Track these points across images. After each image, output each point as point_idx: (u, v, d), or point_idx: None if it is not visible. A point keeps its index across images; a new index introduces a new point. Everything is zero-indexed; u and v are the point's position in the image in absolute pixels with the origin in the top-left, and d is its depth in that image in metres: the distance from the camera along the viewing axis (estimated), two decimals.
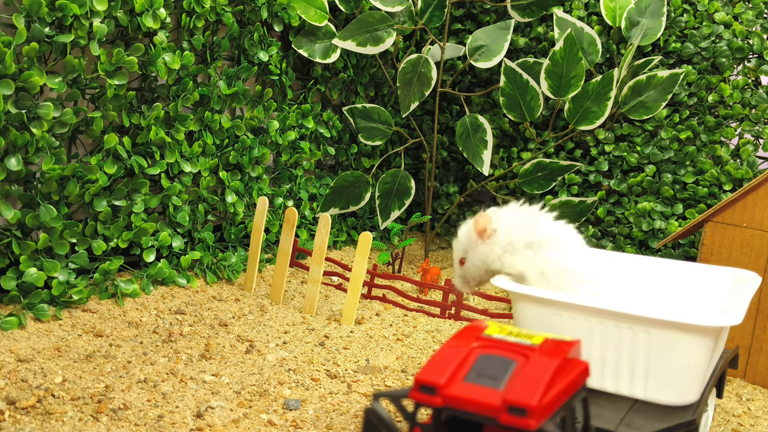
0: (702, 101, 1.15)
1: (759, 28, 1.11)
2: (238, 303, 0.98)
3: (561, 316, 0.61)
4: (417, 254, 1.33)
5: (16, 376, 0.68)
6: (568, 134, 1.20)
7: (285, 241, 0.99)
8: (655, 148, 1.17)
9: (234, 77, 1.06)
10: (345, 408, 0.70)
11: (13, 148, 0.80)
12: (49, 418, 0.62)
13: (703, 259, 0.91)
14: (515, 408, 0.39)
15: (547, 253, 0.66)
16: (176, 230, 1.01)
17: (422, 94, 1.19)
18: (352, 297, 0.93)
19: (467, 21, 1.41)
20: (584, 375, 0.46)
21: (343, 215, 1.32)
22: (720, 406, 0.78)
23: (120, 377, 0.71)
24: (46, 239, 0.84)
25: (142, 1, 0.89)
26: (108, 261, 0.91)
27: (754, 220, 0.87)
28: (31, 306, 0.82)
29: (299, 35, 1.16)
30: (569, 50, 1.08)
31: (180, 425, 0.63)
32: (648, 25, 1.15)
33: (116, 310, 0.89)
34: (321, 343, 0.86)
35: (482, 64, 1.19)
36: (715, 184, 1.10)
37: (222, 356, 0.79)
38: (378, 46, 1.17)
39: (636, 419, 0.57)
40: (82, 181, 0.87)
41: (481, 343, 0.46)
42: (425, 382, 0.42)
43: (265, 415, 0.66)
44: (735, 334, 0.87)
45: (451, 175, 1.46)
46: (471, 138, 1.20)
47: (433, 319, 1.01)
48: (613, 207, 1.20)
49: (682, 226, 1.07)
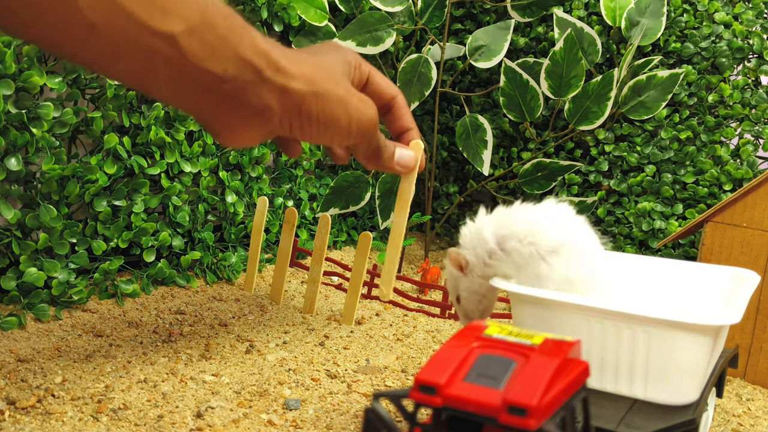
0: (702, 101, 1.15)
1: (759, 28, 1.11)
2: (238, 303, 0.98)
3: (561, 316, 0.61)
4: (417, 254, 1.33)
5: (16, 376, 0.68)
6: (568, 134, 1.20)
7: (285, 241, 0.99)
8: (655, 148, 1.17)
9: None
10: (345, 408, 0.70)
11: (13, 148, 0.80)
12: (49, 418, 0.62)
13: (703, 259, 0.91)
14: (515, 408, 0.39)
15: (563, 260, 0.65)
16: (176, 230, 1.01)
17: (422, 94, 1.19)
18: (352, 297, 0.93)
19: (467, 21, 1.41)
20: (584, 375, 0.46)
21: (343, 215, 1.32)
22: (720, 406, 0.78)
23: (120, 377, 0.71)
24: (46, 239, 0.84)
25: None
26: (108, 261, 0.91)
27: (754, 220, 0.87)
28: (31, 306, 0.82)
29: (299, 35, 1.16)
30: (569, 50, 1.08)
31: (180, 425, 0.63)
32: (648, 25, 1.15)
33: (116, 310, 0.89)
34: (321, 343, 0.86)
35: (482, 64, 1.19)
36: (715, 184, 1.10)
37: (222, 356, 0.79)
38: (378, 46, 1.17)
39: (636, 419, 0.57)
40: (82, 181, 0.87)
41: (481, 343, 0.46)
42: (425, 382, 0.42)
43: (265, 415, 0.66)
44: (735, 334, 0.87)
45: (451, 175, 1.46)
46: (471, 138, 1.20)
47: (433, 319, 1.01)
48: (613, 207, 1.20)
49: (682, 226, 1.07)
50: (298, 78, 0.59)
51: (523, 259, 0.65)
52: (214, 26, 0.54)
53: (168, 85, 0.55)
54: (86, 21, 0.47)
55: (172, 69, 0.53)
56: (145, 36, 0.50)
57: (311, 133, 0.63)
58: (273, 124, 0.60)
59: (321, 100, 0.61)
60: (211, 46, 0.54)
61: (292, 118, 0.61)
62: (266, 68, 0.57)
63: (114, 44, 0.49)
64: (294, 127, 0.62)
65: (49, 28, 0.47)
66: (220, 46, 0.54)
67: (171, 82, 0.54)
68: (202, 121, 0.60)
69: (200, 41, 0.53)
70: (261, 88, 0.58)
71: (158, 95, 0.60)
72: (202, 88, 0.55)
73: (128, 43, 0.50)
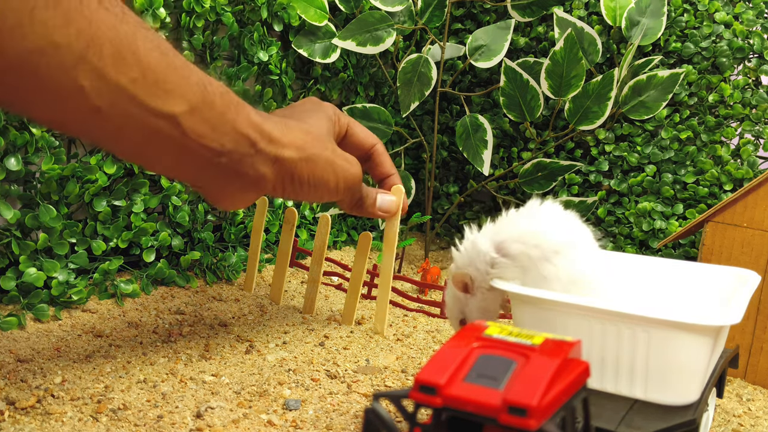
0: (702, 101, 1.15)
1: (759, 28, 1.11)
2: (238, 303, 0.97)
3: (561, 316, 0.61)
4: (417, 254, 1.33)
5: (15, 376, 0.68)
6: (569, 134, 1.20)
7: (285, 241, 0.99)
8: (655, 148, 1.16)
9: (234, 77, 1.06)
10: (345, 408, 0.70)
11: (12, 148, 0.80)
12: (48, 418, 0.62)
13: (703, 259, 0.91)
14: (515, 408, 0.39)
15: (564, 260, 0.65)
16: (176, 230, 1.01)
17: (422, 94, 1.19)
18: (352, 297, 0.93)
19: (467, 21, 1.41)
20: (585, 375, 0.46)
21: (343, 215, 1.32)
22: (720, 406, 0.78)
23: (120, 377, 0.71)
24: (46, 239, 0.84)
25: (142, 0, 0.89)
26: (108, 261, 0.91)
27: (755, 220, 0.87)
28: (31, 306, 0.82)
29: (299, 35, 1.16)
30: (569, 50, 1.08)
31: (180, 425, 0.63)
32: (648, 25, 1.15)
33: (116, 310, 0.89)
34: (321, 344, 0.85)
35: (482, 64, 1.19)
36: (715, 184, 1.10)
37: (222, 356, 0.79)
38: (378, 46, 1.17)
39: (636, 419, 0.57)
40: (81, 181, 0.87)
41: (481, 343, 0.46)
42: (425, 382, 0.42)
43: (265, 415, 0.66)
44: (735, 334, 0.87)
45: (451, 175, 1.46)
46: (471, 138, 1.20)
47: (433, 319, 1.01)
48: (614, 207, 1.20)
49: (682, 226, 1.07)
50: (289, 146, 0.63)
51: (531, 261, 0.64)
52: (213, 104, 0.56)
53: (168, 160, 0.57)
54: (92, 105, 0.49)
55: (173, 146, 0.55)
56: (148, 117, 0.52)
57: (302, 194, 0.68)
58: (267, 189, 0.64)
59: (310, 164, 0.66)
60: (210, 123, 0.56)
61: (285, 183, 0.65)
62: (260, 140, 0.60)
63: (118, 125, 0.51)
64: (287, 191, 0.66)
65: (57, 113, 0.49)
66: (219, 123, 0.57)
67: (171, 158, 0.57)
68: (199, 190, 0.63)
69: (200, 119, 0.55)
70: (256, 159, 0.61)
71: (158, 168, 0.64)
72: (201, 162, 0.58)
73: (131, 124, 0.52)
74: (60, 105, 0.48)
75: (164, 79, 0.51)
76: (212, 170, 0.59)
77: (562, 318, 0.61)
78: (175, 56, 0.53)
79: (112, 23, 0.48)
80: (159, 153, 0.55)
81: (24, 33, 0.43)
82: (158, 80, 0.51)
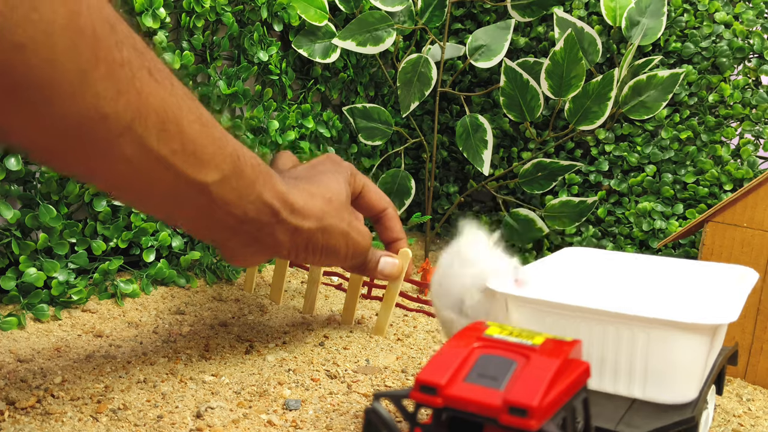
0: (702, 101, 1.15)
1: (759, 28, 1.11)
2: (238, 303, 0.97)
3: (560, 317, 0.61)
4: (417, 254, 1.33)
5: (15, 376, 0.68)
6: (569, 134, 1.20)
7: None
8: (655, 148, 1.16)
9: (234, 77, 1.06)
10: (345, 408, 0.70)
11: (12, 148, 0.80)
12: (48, 418, 0.62)
13: (703, 259, 0.91)
14: (516, 408, 0.39)
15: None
16: (176, 230, 1.01)
17: (422, 93, 1.19)
18: (351, 297, 0.93)
19: (467, 21, 1.41)
20: (585, 375, 0.46)
21: None
22: (720, 406, 0.78)
23: (120, 377, 0.71)
24: (46, 239, 0.84)
25: (141, 0, 0.89)
26: (108, 261, 0.91)
27: (755, 220, 0.87)
28: (31, 306, 0.82)
29: (299, 35, 1.16)
30: (569, 50, 1.08)
31: (180, 425, 0.63)
32: (648, 25, 1.15)
33: (116, 310, 0.89)
34: (321, 343, 0.85)
35: (482, 64, 1.19)
36: (715, 184, 1.10)
37: (222, 356, 0.79)
38: (378, 46, 1.17)
39: (635, 418, 0.57)
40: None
41: (481, 343, 0.46)
42: (426, 382, 0.42)
43: (265, 415, 0.66)
44: (735, 334, 0.87)
45: (451, 175, 1.46)
46: (471, 138, 1.20)
47: (433, 319, 1.01)
48: (614, 207, 1.20)
49: (682, 226, 1.07)
50: (310, 217, 0.66)
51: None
52: (243, 174, 0.58)
53: (190, 220, 0.60)
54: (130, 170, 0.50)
55: (198, 210, 0.57)
56: (180, 183, 0.54)
57: (313, 260, 0.71)
58: (281, 255, 0.67)
59: (326, 235, 0.68)
60: (238, 192, 0.58)
61: (299, 250, 0.68)
62: (283, 210, 0.63)
63: (148, 186, 0.53)
64: (300, 257, 0.69)
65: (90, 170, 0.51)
66: (246, 193, 0.59)
67: (193, 218, 0.59)
68: (214, 245, 0.66)
69: (229, 188, 0.57)
70: (276, 228, 0.63)
71: (177, 222, 0.66)
72: (223, 226, 0.60)
73: (162, 187, 0.53)
74: (98, 166, 0.49)
75: (202, 150, 0.53)
76: (232, 234, 0.61)
77: (562, 319, 0.61)
78: (213, 127, 0.55)
79: (161, 96, 0.49)
80: (183, 213, 0.58)
81: (75, 102, 0.43)
82: (196, 151, 0.52)
